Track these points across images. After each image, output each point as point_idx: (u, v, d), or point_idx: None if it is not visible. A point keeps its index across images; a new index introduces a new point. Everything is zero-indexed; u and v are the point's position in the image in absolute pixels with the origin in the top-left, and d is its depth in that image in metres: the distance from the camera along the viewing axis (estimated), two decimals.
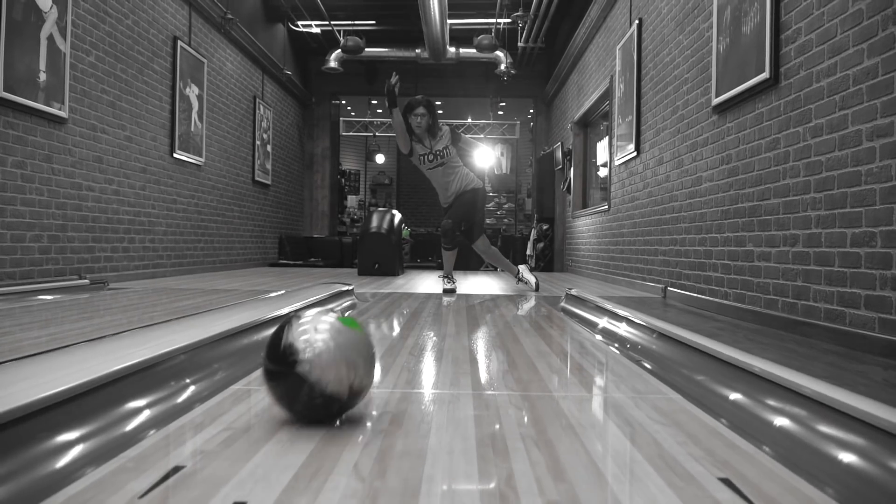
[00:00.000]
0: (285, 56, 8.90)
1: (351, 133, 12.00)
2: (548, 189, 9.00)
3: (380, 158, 14.56)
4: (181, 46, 5.67)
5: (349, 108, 13.15)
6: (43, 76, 3.83)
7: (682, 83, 3.97)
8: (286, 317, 1.15)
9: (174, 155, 5.60)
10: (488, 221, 13.83)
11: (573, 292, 3.42)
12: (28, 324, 2.45)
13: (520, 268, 4.70)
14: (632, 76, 5.06)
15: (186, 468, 0.91)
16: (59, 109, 3.99)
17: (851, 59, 2.26)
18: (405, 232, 7.91)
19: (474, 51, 8.78)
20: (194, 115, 6.00)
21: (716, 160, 3.43)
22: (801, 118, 2.58)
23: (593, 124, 7.44)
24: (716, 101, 3.37)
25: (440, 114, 13.07)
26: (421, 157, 4.32)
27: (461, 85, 10.47)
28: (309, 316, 1.12)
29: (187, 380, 1.42)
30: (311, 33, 9.07)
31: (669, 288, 4.05)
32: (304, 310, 1.18)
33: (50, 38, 3.89)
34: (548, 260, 8.60)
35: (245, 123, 7.50)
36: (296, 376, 1.05)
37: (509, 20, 8.28)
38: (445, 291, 4.26)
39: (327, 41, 9.15)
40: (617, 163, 5.53)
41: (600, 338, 2.33)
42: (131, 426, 1.11)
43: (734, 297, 3.17)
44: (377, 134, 12.17)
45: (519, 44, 8.67)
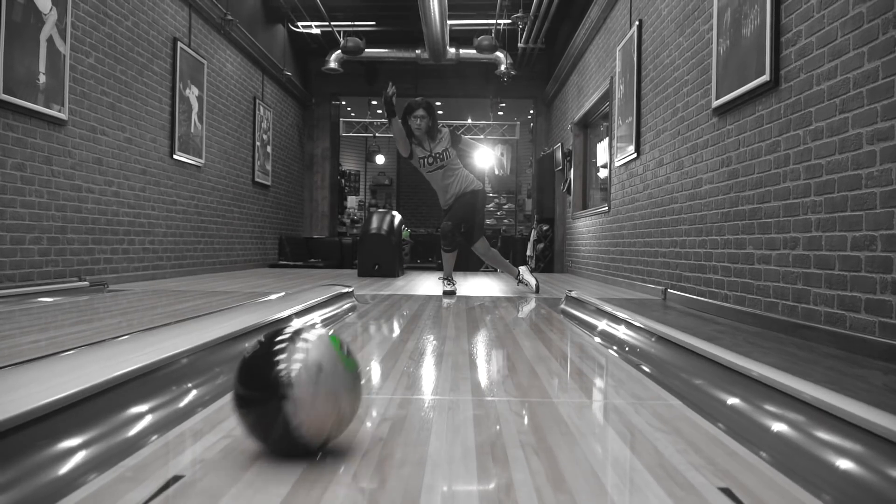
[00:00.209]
0: (285, 57, 8.89)
1: (351, 134, 11.99)
2: (548, 190, 9.00)
3: (380, 159, 14.57)
4: (181, 48, 5.66)
5: (349, 109, 13.15)
6: (43, 78, 3.83)
7: (683, 85, 3.96)
8: (272, 331, 1.03)
9: (174, 156, 5.60)
10: (488, 222, 13.83)
11: (573, 294, 3.41)
12: (28, 327, 2.44)
13: (520, 269, 4.70)
14: (632, 77, 5.06)
15: (186, 477, 0.91)
16: (59, 111, 3.99)
17: (852, 63, 2.25)
18: (405, 233, 7.90)
19: (474, 51, 8.78)
20: (194, 117, 6.00)
21: (716, 162, 3.43)
22: (802, 121, 2.58)
23: (593, 125, 7.44)
24: (716, 104, 3.37)
25: (440, 114, 13.09)
26: (421, 160, 4.32)
27: (461, 85, 10.47)
28: (303, 341, 0.98)
29: (187, 385, 1.41)
30: (311, 34, 9.06)
31: (670, 290, 4.05)
32: (296, 324, 1.06)
33: (49, 40, 3.88)
34: (548, 261, 8.59)
35: (245, 124, 7.49)
36: (277, 412, 0.93)
37: (509, 21, 8.28)
38: (445, 293, 4.26)
39: (327, 42, 9.14)
40: (617, 164, 5.53)
41: (600, 341, 2.33)
42: (131, 433, 1.11)
43: (734, 300, 3.17)
44: (377, 135, 12.17)
45: (519, 44, 8.67)
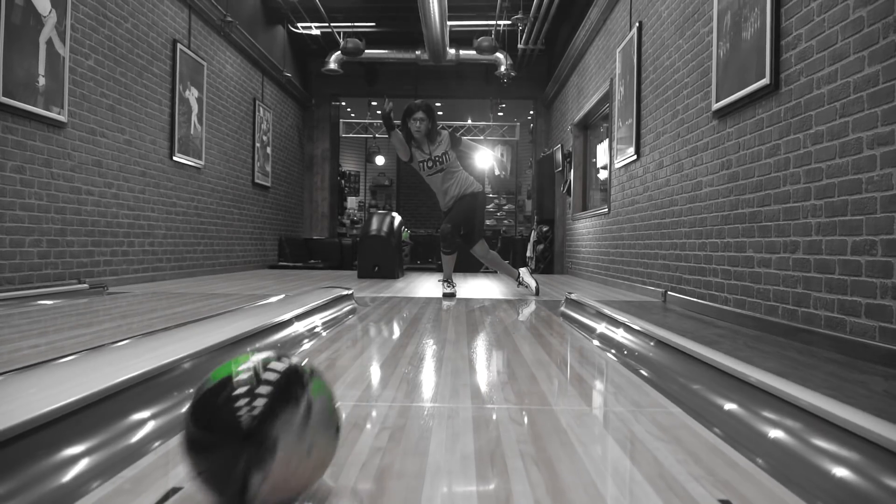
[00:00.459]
0: (285, 58, 8.89)
1: (351, 135, 11.99)
2: (548, 191, 8.99)
3: (380, 160, 14.56)
4: (181, 49, 5.66)
5: (349, 110, 13.14)
6: (42, 80, 3.82)
7: (683, 87, 3.96)
8: (235, 360, 0.89)
9: (174, 158, 5.60)
10: (488, 223, 13.83)
11: (573, 297, 3.41)
12: (27, 331, 2.44)
13: (520, 271, 4.70)
14: (632, 79, 5.05)
15: (184, 489, 0.91)
16: (59, 114, 3.99)
17: (852, 67, 2.25)
18: (405, 234, 7.90)
19: (474, 52, 8.77)
20: (194, 118, 6.00)
21: (716, 165, 3.43)
22: (802, 125, 2.58)
23: (593, 126, 7.43)
24: (716, 106, 3.36)
25: (440, 115, 13.07)
26: (420, 164, 4.32)
27: (461, 86, 10.48)
28: (270, 372, 0.84)
29: (187, 392, 1.41)
30: (311, 35, 9.06)
31: (670, 292, 4.05)
32: (266, 357, 0.87)
33: (49, 43, 3.88)
34: (548, 262, 8.59)
35: (245, 126, 7.49)
36: (241, 469, 0.76)
37: (509, 22, 8.28)
38: (445, 295, 4.26)
39: (327, 43, 9.14)
40: (617, 166, 5.52)
41: (600, 345, 2.32)
42: (132, 441, 1.11)
43: (734, 303, 3.16)
44: (377, 136, 12.17)
45: (519, 45, 8.67)
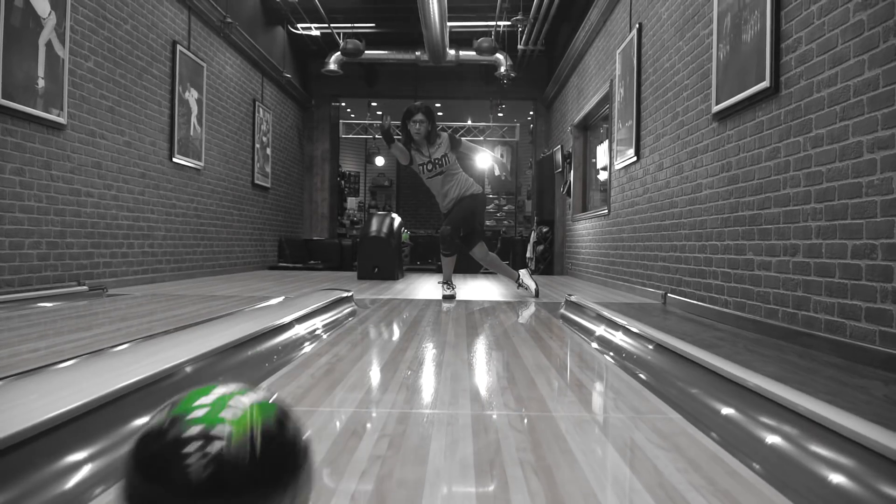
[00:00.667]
0: (285, 59, 8.89)
1: (351, 136, 11.98)
2: (548, 191, 8.99)
3: (379, 161, 14.56)
4: (180, 50, 5.66)
5: (349, 111, 13.14)
6: (41, 82, 3.82)
7: (682, 89, 3.96)
8: (183, 397, 0.71)
9: (173, 159, 5.59)
10: (488, 223, 13.82)
11: (573, 299, 3.41)
12: (27, 334, 2.44)
13: (520, 272, 4.69)
14: (632, 81, 5.05)
15: None
16: (58, 116, 3.98)
17: (852, 70, 2.25)
18: (405, 235, 7.90)
19: (474, 53, 8.77)
20: (193, 119, 5.99)
21: (716, 167, 3.42)
22: (802, 128, 2.57)
23: (593, 127, 7.43)
24: (716, 109, 3.36)
25: (439, 116, 13.02)
26: (420, 167, 4.32)
27: (461, 87, 10.48)
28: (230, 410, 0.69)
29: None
30: (311, 36, 9.06)
31: (669, 294, 4.05)
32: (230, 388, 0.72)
33: (48, 45, 3.88)
34: (547, 263, 8.59)
35: (244, 127, 7.49)
36: None
37: (509, 23, 8.27)
38: (445, 297, 4.25)
39: (327, 44, 9.14)
40: (617, 167, 5.52)
41: (600, 348, 2.32)
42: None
43: (734, 306, 3.16)
44: (377, 136, 12.16)
45: (519, 46, 8.66)
